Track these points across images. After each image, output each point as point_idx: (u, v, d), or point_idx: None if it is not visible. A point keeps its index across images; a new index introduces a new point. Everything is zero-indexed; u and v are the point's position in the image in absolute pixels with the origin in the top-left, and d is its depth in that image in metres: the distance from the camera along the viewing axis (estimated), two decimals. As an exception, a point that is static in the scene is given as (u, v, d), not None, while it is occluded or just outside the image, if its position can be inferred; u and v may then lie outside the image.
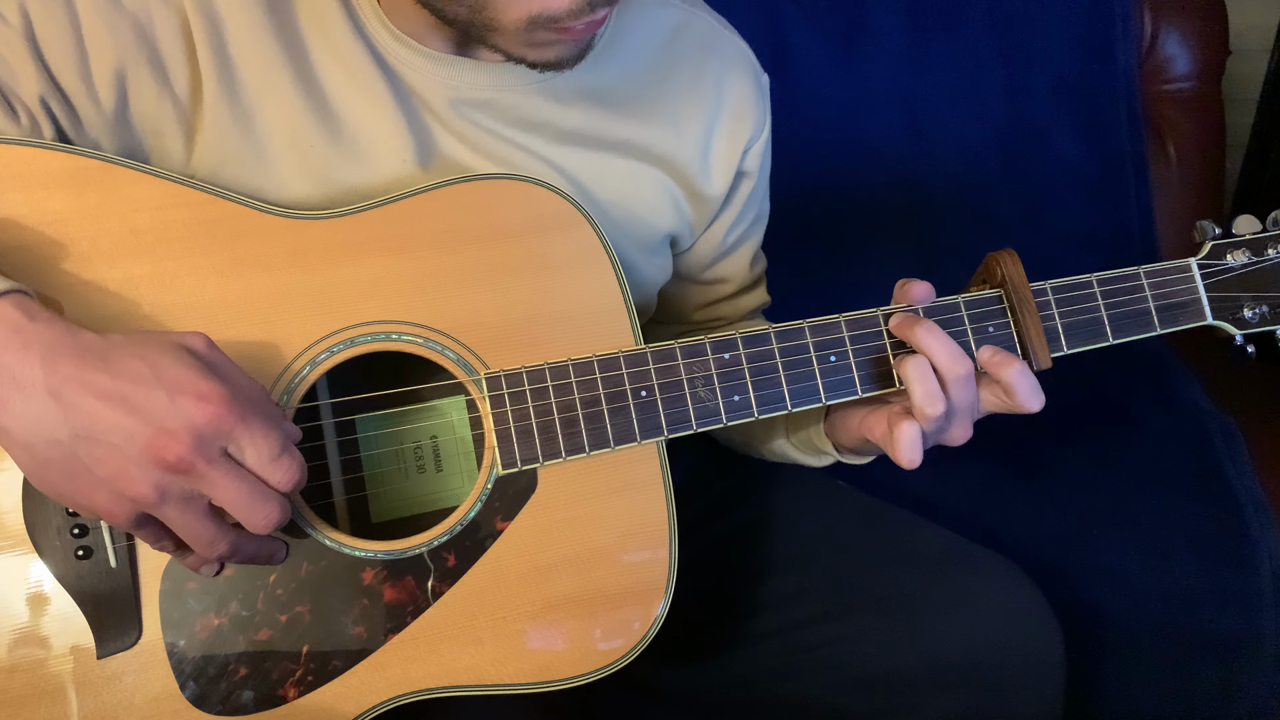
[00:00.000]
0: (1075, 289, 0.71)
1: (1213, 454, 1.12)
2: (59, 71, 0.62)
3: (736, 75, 0.79)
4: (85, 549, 0.60)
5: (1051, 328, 0.70)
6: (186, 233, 0.62)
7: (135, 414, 0.50)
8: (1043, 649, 0.75)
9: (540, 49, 0.62)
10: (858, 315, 0.69)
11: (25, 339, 0.50)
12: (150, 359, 0.52)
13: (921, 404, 0.66)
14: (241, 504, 0.53)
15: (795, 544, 0.83)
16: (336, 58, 0.67)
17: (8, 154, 0.60)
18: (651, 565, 0.68)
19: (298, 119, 0.67)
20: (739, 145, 0.80)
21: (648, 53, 0.76)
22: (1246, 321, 0.73)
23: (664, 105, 0.76)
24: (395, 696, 0.64)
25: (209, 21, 0.64)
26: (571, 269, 0.68)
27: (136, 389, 0.51)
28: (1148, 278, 0.72)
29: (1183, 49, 1.31)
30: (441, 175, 0.69)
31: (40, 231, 0.60)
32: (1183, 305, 0.72)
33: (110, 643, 0.60)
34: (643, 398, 0.67)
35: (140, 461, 0.51)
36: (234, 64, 0.65)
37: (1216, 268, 0.73)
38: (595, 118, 0.74)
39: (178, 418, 0.51)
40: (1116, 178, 1.31)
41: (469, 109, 0.70)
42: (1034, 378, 0.68)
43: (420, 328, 0.65)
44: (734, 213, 0.84)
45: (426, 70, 0.68)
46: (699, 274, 0.88)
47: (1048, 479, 1.13)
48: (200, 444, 0.51)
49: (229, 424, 0.52)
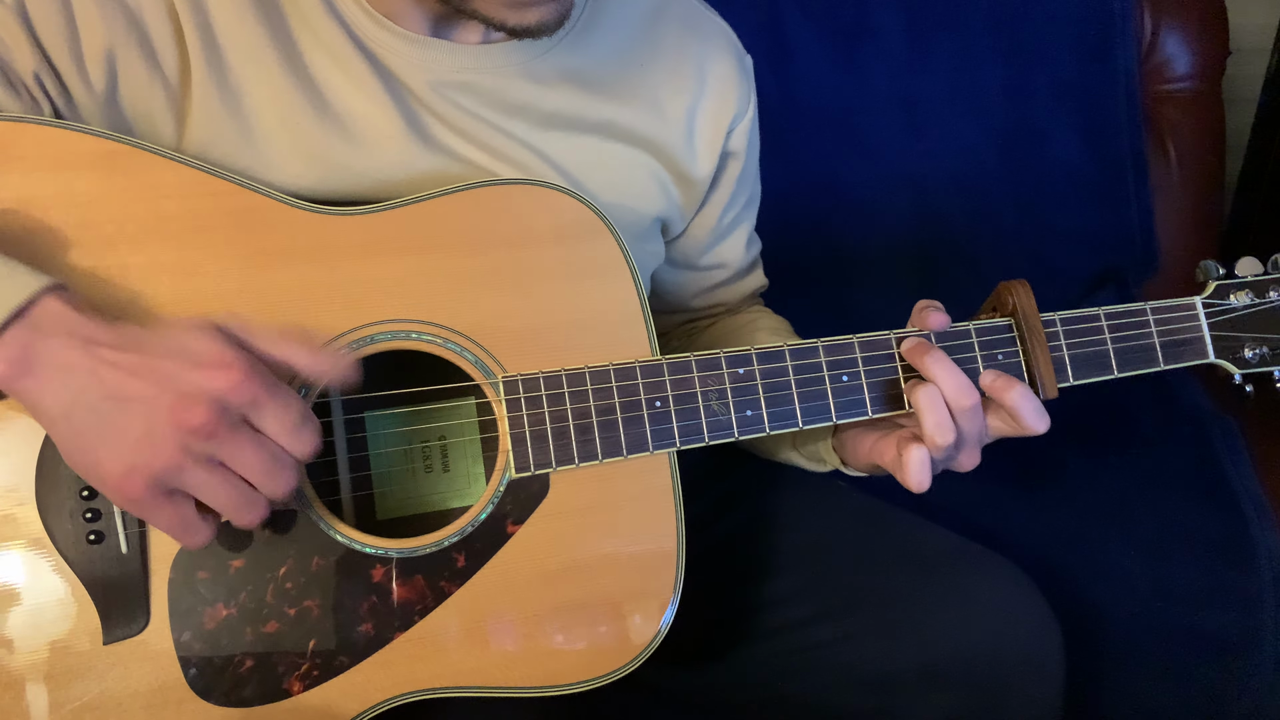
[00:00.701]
0: (1083, 321, 0.73)
1: (1213, 454, 1.12)
2: (52, 50, 0.63)
3: (719, 55, 0.79)
4: (97, 533, 0.60)
5: (1059, 359, 0.72)
6: (213, 222, 0.63)
7: (161, 383, 0.53)
8: (1042, 649, 0.75)
9: (520, 10, 0.62)
10: (871, 337, 0.71)
11: (70, 328, 0.53)
12: (180, 338, 0.55)
13: (932, 433, 0.67)
14: (260, 469, 0.55)
15: (795, 544, 0.83)
16: (318, 40, 0.68)
17: (36, 134, 0.61)
18: (659, 573, 0.68)
19: (285, 99, 0.67)
20: (723, 125, 0.80)
21: (628, 33, 0.76)
22: (1247, 361, 0.75)
23: (645, 86, 0.76)
24: (399, 695, 0.64)
25: (194, 4, 0.65)
26: (592, 277, 0.68)
27: (164, 362, 0.54)
28: (1154, 314, 0.74)
29: (1183, 49, 1.31)
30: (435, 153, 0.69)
31: (67, 213, 0.61)
32: (1187, 343, 0.75)
33: (117, 628, 0.60)
34: (657, 408, 0.67)
35: (164, 427, 0.53)
36: (220, 46, 0.66)
37: (1220, 307, 0.75)
38: (576, 99, 0.74)
39: (202, 385, 0.53)
40: (1116, 178, 1.31)
41: (450, 90, 0.70)
42: (1038, 400, 0.69)
43: (440, 328, 0.65)
44: (725, 195, 0.84)
45: (403, 52, 0.69)
46: (696, 260, 0.88)
47: (1048, 479, 1.13)
48: (222, 411, 0.53)
49: (250, 392, 0.54)
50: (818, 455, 0.81)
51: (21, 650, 0.59)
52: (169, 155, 0.63)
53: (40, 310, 0.53)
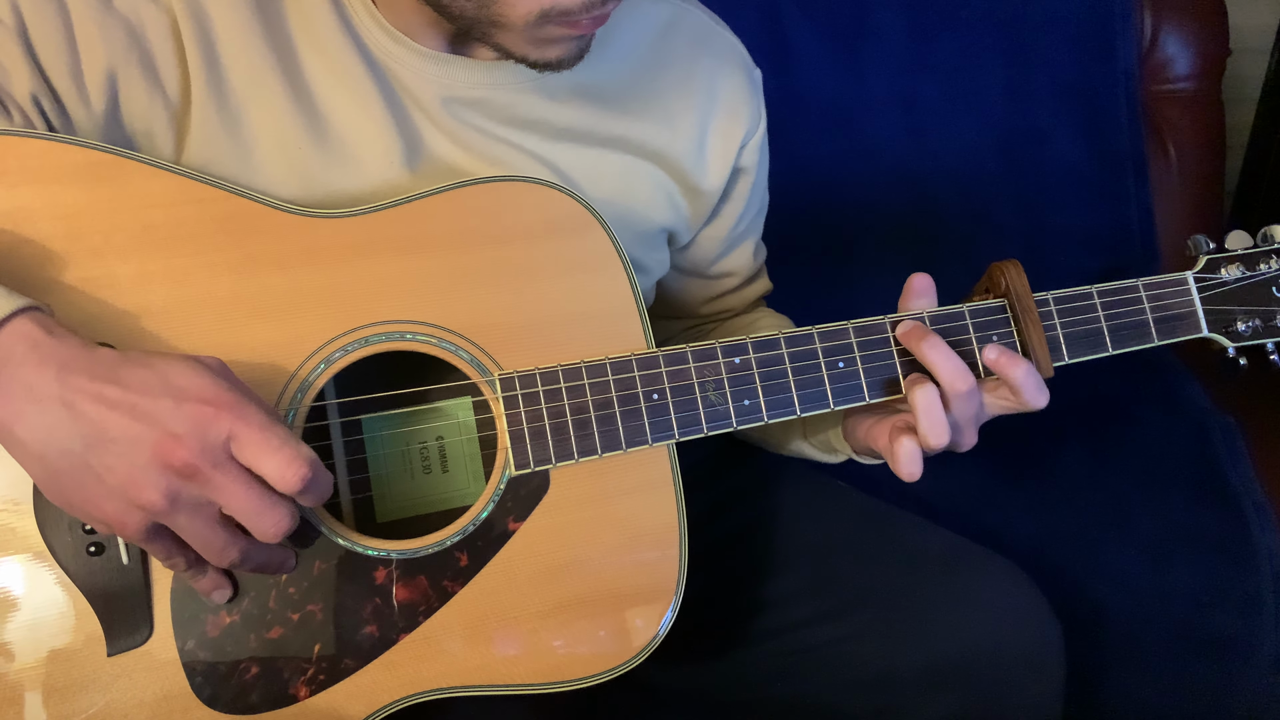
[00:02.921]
0: (1076, 300, 0.73)
1: (1213, 454, 1.12)
2: (51, 71, 0.62)
3: (729, 71, 0.79)
4: (97, 545, 0.59)
5: (1053, 337, 0.72)
6: (200, 229, 0.62)
7: (142, 420, 0.51)
8: (1042, 649, 0.75)
9: (544, 46, 0.62)
10: (865, 323, 0.71)
11: (42, 355, 0.51)
12: (160, 370, 0.53)
13: (926, 434, 0.67)
14: (249, 509, 0.53)
15: (795, 544, 0.83)
16: (323, 58, 0.67)
17: (19, 146, 0.60)
18: (662, 565, 0.68)
19: (285, 121, 0.66)
20: (735, 142, 0.80)
21: (640, 49, 0.76)
22: (1240, 334, 0.75)
23: (657, 101, 0.76)
24: (406, 696, 0.63)
25: (197, 22, 0.64)
26: (584, 271, 0.68)
27: (143, 398, 0.51)
28: (1146, 290, 0.74)
29: (1183, 49, 1.31)
30: (430, 177, 0.69)
31: (52, 226, 0.60)
32: (1180, 317, 0.75)
33: (120, 640, 0.60)
34: (654, 400, 0.67)
35: (148, 467, 0.51)
36: (222, 65, 0.65)
37: (1211, 281, 0.75)
38: (589, 115, 0.74)
39: (184, 423, 0.51)
40: (1116, 178, 1.31)
41: (460, 107, 0.70)
42: (1039, 376, 0.69)
43: (434, 328, 0.65)
44: (736, 209, 0.84)
45: (418, 68, 0.68)
46: (705, 269, 0.88)
47: (1048, 479, 1.13)
48: (206, 448, 0.51)
49: (235, 428, 0.52)
50: (829, 444, 0.81)
51: (24, 664, 0.58)
52: (153, 163, 0.62)
53: (10, 335, 0.51)
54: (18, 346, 0.51)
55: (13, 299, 0.52)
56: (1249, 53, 1.49)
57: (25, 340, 0.51)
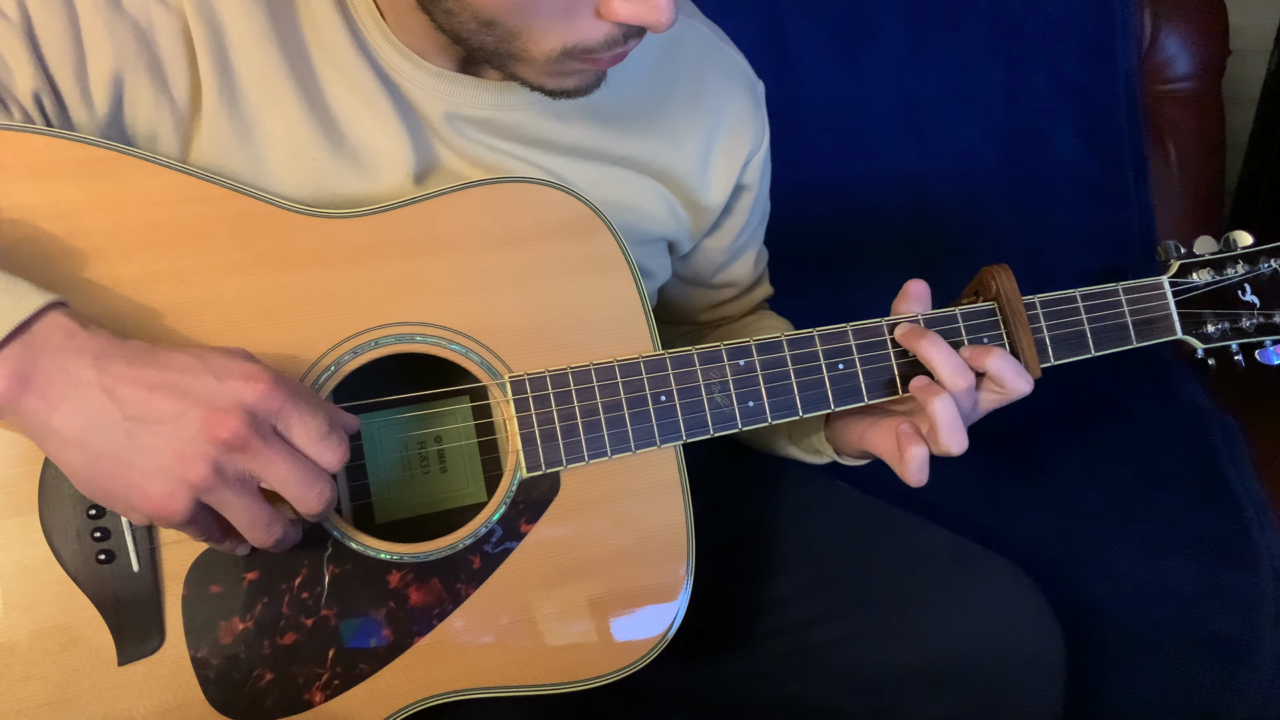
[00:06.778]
0: (1061, 303, 0.76)
1: (1213, 453, 1.12)
2: (55, 70, 0.61)
3: (734, 89, 0.80)
4: (107, 553, 0.58)
5: (1040, 340, 0.75)
6: (207, 228, 0.61)
7: (187, 398, 0.52)
8: (1043, 649, 0.75)
9: (562, 79, 0.62)
10: (864, 325, 0.72)
11: (78, 344, 0.51)
12: (195, 352, 0.54)
13: (947, 444, 0.68)
14: (295, 481, 0.54)
15: (795, 545, 0.84)
16: (338, 70, 0.66)
17: (16, 142, 0.58)
18: (671, 565, 0.69)
19: (299, 130, 0.65)
20: (739, 160, 0.80)
21: (645, 67, 0.75)
22: (1209, 336, 0.79)
23: (663, 120, 0.76)
24: (421, 699, 0.63)
25: (210, 28, 0.63)
26: (591, 274, 0.68)
27: (185, 376, 0.52)
28: (1125, 294, 0.77)
29: (1183, 49, 1.31)
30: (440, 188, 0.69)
31: (53, 224, 0.58)
32: (1156, 320, 0.77)
33: (131, 648, 0.59)
34: (662, 402, 0.68)
35: (196, 440, 0.51)
36: (235, 73, 0.64)
37: (1184, 285, 0.78)
38: (595, 135, 0.74)
39: (229, 397, 0.52)
40: (1116, 178, 1.31)
41: (464, 124, 0.69)
42: (1016, 361, 0.71)
43: (443, 330, 0.65)
44: (739, 222, 0.84)
45: (427, 85, 0.68)
46: (708, 279, 0.88)
47: (1048, 478, 1.14)
48: (253, 420, 0.52)
49: (278, 402, 0.53)
50: (813, 447, 0.82)
51: (35, 676, 0.57)
52: (155, 160, 0.61)
53: (45, 326, 0.51)
54: (53, 335, 0.51)
55: (44, 293, 0.52)
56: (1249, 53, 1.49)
57: (61, 330, 0.51)
